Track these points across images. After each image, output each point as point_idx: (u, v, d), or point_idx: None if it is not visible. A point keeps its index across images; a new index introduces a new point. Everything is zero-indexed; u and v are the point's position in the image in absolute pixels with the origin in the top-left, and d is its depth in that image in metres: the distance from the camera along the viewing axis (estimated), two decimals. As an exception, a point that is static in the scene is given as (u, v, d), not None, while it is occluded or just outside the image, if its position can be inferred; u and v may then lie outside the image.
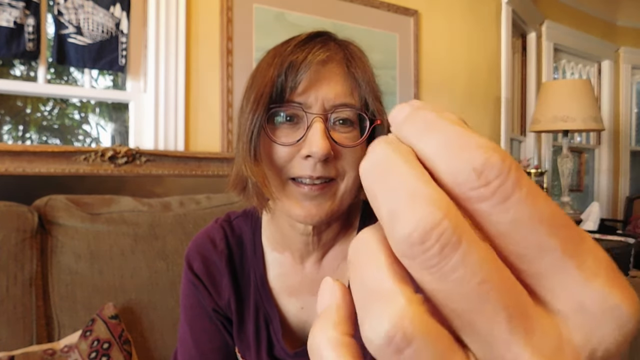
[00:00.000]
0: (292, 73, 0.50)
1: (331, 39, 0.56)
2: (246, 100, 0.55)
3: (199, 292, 0.66)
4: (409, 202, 0.12)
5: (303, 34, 0.56)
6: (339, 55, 0.53)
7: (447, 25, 2.52)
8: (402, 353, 0.12)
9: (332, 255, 0.65)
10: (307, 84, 0.50)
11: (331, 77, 0.52)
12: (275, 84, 0.50)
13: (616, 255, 1.82)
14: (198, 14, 1.71)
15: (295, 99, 0.51)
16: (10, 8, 1.34)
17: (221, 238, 0.67)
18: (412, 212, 0.12)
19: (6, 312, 0.93)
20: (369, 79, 0.54)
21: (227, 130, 1.73)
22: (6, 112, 1.69)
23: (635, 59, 4.12)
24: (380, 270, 0.13)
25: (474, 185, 0.12)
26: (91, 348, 0.90)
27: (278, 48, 0.55)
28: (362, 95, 0.53)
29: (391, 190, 0.13)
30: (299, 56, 0.50)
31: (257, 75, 0.55)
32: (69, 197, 1.14)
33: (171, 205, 1.24)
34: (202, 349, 0.66)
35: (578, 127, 2.54)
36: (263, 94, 0.51)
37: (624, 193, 4.09)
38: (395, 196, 0.13)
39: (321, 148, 0.49)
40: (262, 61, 0.57)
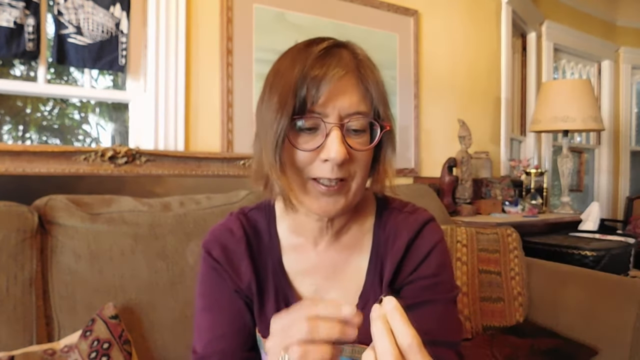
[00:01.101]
0: (313, 87, 0.56)
1: (345, 48, 0.61)
2: (267, 103, 0.60)
3: (220, 275, 0.69)
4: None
5: (320, 42, 0.60)
6: (353, 67, 0.58)
7: (447, 25, 2.52)
8: None
9: (345, 240, 0.71)
10: (326, 98, 0.56)
11: (346, 88, 0.57)
12: (297, 96, 0.56)
13: (616, 255, 1.82)
14: (198, 14, 1.71)
15: (316, 110, 0.57)
16: (10, 8, 1.34)
17: (238, 227, 0.71)
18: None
19: (6, 312, 0.93)
20: (379, 87, 0.60)
21: (227, 130, 1.73)
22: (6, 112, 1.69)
23: (635, 59, 4.12)
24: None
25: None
26: (91, 348, 0.90)
27: (297, 55, 0.60)
28: (373, 102, 0.59)
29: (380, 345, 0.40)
30: (319, 72, 0.56)
31: (277, 80, 0.60)
32: (69, 197, 1.14)
33: (171, 205, 1.24)
34: (222, 331, 0.68)
35: (578, 127, 2.54)
36: (286, 104, 0.56)
37: (624, 193, 4.09)
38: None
39: (339, 154, 0.56)
40: (281, 65, 0.61)
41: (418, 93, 2.35)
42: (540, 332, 1.39)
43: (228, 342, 0.68)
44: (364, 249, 0.71)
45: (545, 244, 1.91)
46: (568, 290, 1.43)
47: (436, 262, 0.69)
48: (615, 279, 1.41)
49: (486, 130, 2.76)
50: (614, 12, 4.08)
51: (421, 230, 0.70)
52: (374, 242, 0.71)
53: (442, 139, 2.48)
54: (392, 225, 0.71)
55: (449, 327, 0.68)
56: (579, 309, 1.37)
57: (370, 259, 0.70)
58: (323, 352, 0.43)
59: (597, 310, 1.33)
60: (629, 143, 4.16)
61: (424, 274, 0.68)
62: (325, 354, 0.43)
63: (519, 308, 1.47)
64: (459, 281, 1.48)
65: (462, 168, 2.26)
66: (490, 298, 1.47)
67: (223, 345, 0.67)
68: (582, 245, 1.85)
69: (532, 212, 2.38)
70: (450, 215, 2.09)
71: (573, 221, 2.42)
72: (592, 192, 4.07)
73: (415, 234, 0.69)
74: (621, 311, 1.28)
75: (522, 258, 1.56)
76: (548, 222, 2.26)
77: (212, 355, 0.67)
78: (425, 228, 0.70)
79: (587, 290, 1.39)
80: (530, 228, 2.14)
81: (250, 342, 0.70)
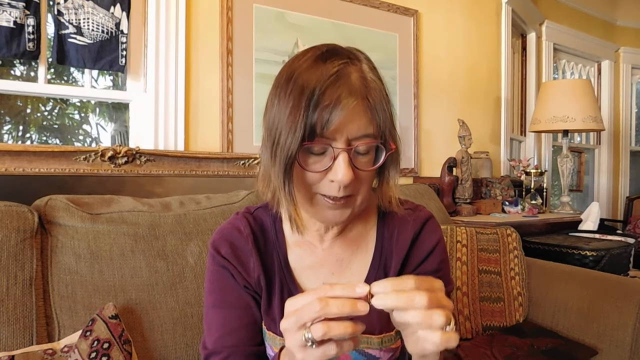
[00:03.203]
0: (324, 116, 0.56)
1: (354, 66, 0.60)
2: (277, 116, 0.59)
3: (229, 273, 0.71)
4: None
5: (331, 59, 0.59)
6: (362, 93, 0.58)
7: (447, 25, 2.52)
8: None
9: (349, 236, 0.73)
10: (336, 127, 0.56)
11: (355, 115, 0.57)
12: (307, 122, 0.56)
13: (616, 255, 1.82)
14: (198, 14, 1.71)
15: (325, 135, 0.57)
16: (10, 8, 1.34)
17: (245, 225, 0.73)
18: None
19: (6, 312, 0.93)
20: (386, 110, 0.60)
21: (227, 130, 1.73)
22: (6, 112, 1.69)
23: (635, 59, 4.12)
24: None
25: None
26: (91, 348, 0.90)
27: (308, 74, 0.58)
28: (380, 124, 0.59)
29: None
30: (330, 102, 0.56)
31: (287, 99, 0.58)
32: (69, 197, 1.14)
33: (171, 205, 1.24)
34: (232, 327, 0.69)
35: (578, 127, 2.54)
36: (297, 129, 0.56)
37: (624, 193, 4.09)
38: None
39: (346, 177, 0.58)
40: (291, 77, 0.59)
41: (418, 93, 2.35)
42: (540, 332, 1.39)
43: (237, 338, 0.69)
44: (369, 245, 0.74)
45: (545, 244, 1.91)
46: (568, 290, 1.43)
47: (439, 258, 0.73)
48: (615, 279, 1.41)
49: (486, 130, 2.76)
50: (613, 12, 4.08)
51: (424, 226, 0.74)
52: (378, 238, 0.74)
53: (442, 139, 2.48)
54: (395, 222, 0.73)
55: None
56: (579, 309, 1.37)
57: (375, 254, 0.73)
58: (345, 327, 0.45)
59: (597, 310, 1.33)
60: (629, 143, 4.16)
61: (427, 269, 0.72)
62: (347, 327, 0.45)
63: (519, 308, 1.47)
64: (459, 281, 1.48)
65: (462, 168, 2.26)
66: (490, 298, 1.47)
67: (233, 341, 0.69)
68: (582, 245, 1.85)
69: (532, 212, 2.38)
70: (450, 215, 2.09)
71: (573, 221, 2.42)
72: (592, 192, 4.07)
73: (419, 230, 0.73)
74: (621, 311, 1.28)
75: (522, 258, 1.56)
76: (548, 222, 2.26)
77: (222, 350, 0.68)
78: (427, 225, 0.74)
79: (587, 290, 1.39)
80: (530, 228, 2.14)
81: (259, 337, 0.71)
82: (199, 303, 1.11)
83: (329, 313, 0.44)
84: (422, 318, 0.45)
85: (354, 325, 0.46)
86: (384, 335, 0.70)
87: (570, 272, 1.50)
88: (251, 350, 0.69)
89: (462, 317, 1.43)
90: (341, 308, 0.44)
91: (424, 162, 2.40)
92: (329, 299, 0.45)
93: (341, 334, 0.45)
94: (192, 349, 1.08)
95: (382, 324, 0.70)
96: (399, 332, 0.72)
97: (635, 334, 1.23)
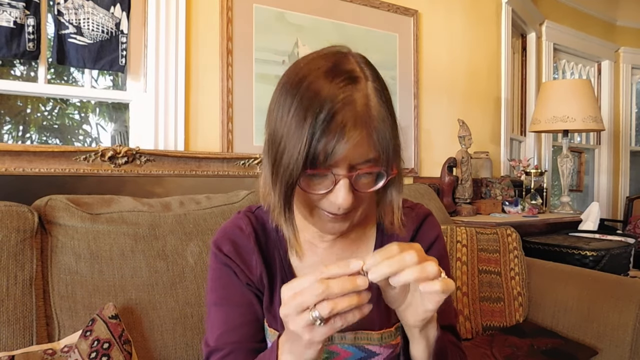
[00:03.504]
0: (328, 149, 0.54)
1: (358, 84, 0.57)
2: (280, 131, 0.57)
3: (231, 270, 0.71)
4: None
5: (334, 77, 0.56)
6: (367, 120, 0.56)
7: (447, 25, 2.52)
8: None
9: (350, 235, 0.73)
10: (339, 157, 0.55)
11: (358, 143, 0.56)
12: (310, 151, 0.55)
13: (616, 255, 1.82)
14: (198, 14, 1.71)
15: (327, 164, 0.56)
16: (10, 8, 1.34)
17: (247, 224, 0.73)
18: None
19: (6, 312, 0.93)
20: (390, 135, 0.58)
21: (227, 130, 1.73)
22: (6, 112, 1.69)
23: (635, 59, 4.12)
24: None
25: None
26: (91, 348, 0.90)
27: (313, 85, 0.56)
28: (382, 151, 0.58)
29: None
30: (334, 133, 0.54)
31: (289, 119, 0.56)
32: (69, 197, 1.14)
33: (171, 205, 1.24)
34: (234, 324, 0.70)
35: (578, 127, 2.54)
36: (299, 155, 0.55)
37: (624, 193, 4.09)
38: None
39: (346, 202, 0.58)
40: (298, 88, 0.57)
41: (418, 93, 2.35)
42: (540, 332, 1.39)
43: (240, 335, 0.69)
44: (369, 244, 0.74)
45: (545, 244, 1.91)
46: (568, 290, 1.43)
47: (438, 253, 0.74)
48: (615, 279, 1.41)
49: (486, 130, 2.76)
50: (613, 12, 4.08)
51: (422, 223, 0.75)
52: (378, 237, 0.74)
53: (442, 139, 2.48)
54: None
55: (449, 312, 0.74)
56: (579, 309, 1.37)
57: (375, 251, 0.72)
58: (350, 299, 0.46)
59: (597, 310, 1.33)
60: (629, 143, 4.16)
61: None
62: (352, 300, 0.47)
63: (519, 308, 1.47)
64: (459, 281, 1.48)
65: (462, 168, 2.26)
66: (490, 298, 1.47)
67: (235, 338, 0.69)
68: (582, 245, 1.85)
69: (532, 212, 2.38)
70: (450, 215, 2.09)
71: (573, 221, 2.42)
72: (592, 192, 4.07)
73: (418, 226, 0.74)
74: (621, 311, 1.28)
75: (522, 258, 1.56)
76: (548, 222, 2.26)
77: (224, 347, 0.68)
78: (426, 222, 0.76)
79: (587, 290, 1.39)
80: (530, 228, 2.14)
81: (261, 334, 0.71)
82: (199, 303, 1.11)
83: (332, 294, 0.46)
84: (418, 272, 0.47)
85: (359, 296, 0.47)
86: (384, 331, 0.71)
87: (570, 272, 1.50)
88: (253, 346, 0.69)
89: (462, 317, 1.43)
90: (342, 287, 0.46)
91: (424, 162, 2.40)
92: (329, 280, 0.46)
93: (348, 307, 0.46)
94: (192, 349, 1.08)
95: (382, 320, 0.71)
96: (398, 329, 0.73)
97: (635, 334, 1.23)
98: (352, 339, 0.70)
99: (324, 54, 0.61)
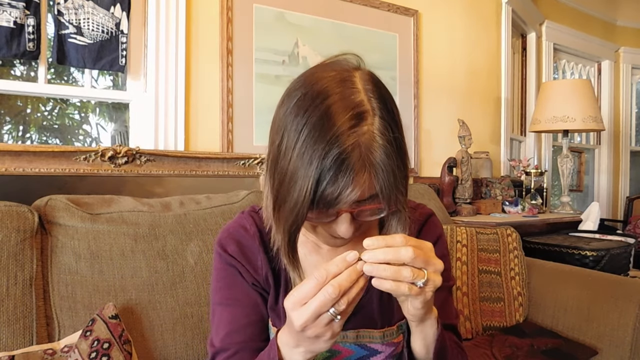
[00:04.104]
0: (334, 194, 0.53)
1: (366, 120, 0.54)
2: (288, 153, 0.55)
3: (236, 271, 0.71)
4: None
5: (342, 112, 0.53)
6: (372, 162, 0.54)
7: (447, 25, 2.52)
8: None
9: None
10: (343, 202, 0.55)
11: (364, 186, 0.54)
12: (314, 197, 0.54)
13: (616, 255, 1.82)
14: (198, 14, 1.71)
15: (332, 207, 0.56)
16: (10, 8, 1.34)
17: (251, 224, 0.73)
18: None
19: (6, 312, 0.93)
20: (396, 174, 0.56)
21: (227, 130, 1.73)
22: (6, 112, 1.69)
23: (635, 59, 4.12)
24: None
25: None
26: (91, 348, 0.90)
27: (316, 131, 0.53)
28: (386, 191, 0.56)
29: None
30: (341, 181, 0.53)
31: (291, 150, 0.54)
32: (69, 197, 1.14)
33: (171, 205, 1.24)
34: (239, 324, 0.70)
35: (578, 127, 2.54)
36: (303, 203, 0.54)
37: (624, 193, 4.09)
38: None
39: (348, 233, 0.59)
40: (300, 129, 0.54)
41: (418, 93, 2.35)
42: (540, 332, 1.39)
43: (244, 335, 0.69)
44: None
45: (545, 244, 1.91)
46: (568, 290, 1.43)
47: (441, 252, 0.74)
48: (615, 279, 1.41)
49: (486, 130, 2.76)
50: (614, 12, 4.08)
51: (425, 223, 0.76)
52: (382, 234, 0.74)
53: (442, 139, 2.48)
54: None
55: (450, 312, 0.76)
56: (579, 309, 1.37)
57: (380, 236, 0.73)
58: (358, 286, 0.50)
59: (597, 310, 1.33)
60: (629, 143, 4.16)
61: None
62: (359, 285, 0.50)
63: (519, 308, 1.47)
64: (459, 281, 1.48)
65: (462, 168, 2.26)
66: (490, 298, 1.47)
67: (240, 338, 0.69)
68: (582, 245, 1.85)
69: (532, 212, 2.38)
70: (450, 215, 2.09)
71: (573, 221, 2.42)
72: (592, 192, 4.07)
73: (420, 227, 0.75)
74: (621, 311, 1.28)
75: (522, 258, 1.56)
76: (548, 222, 2.26)
77: (230, 347, 0.68)
78: (429, 222, 0.77)
79: (587, 290, 1.39)
80: (530, 228, 2.14)
81: (265, 333, 0.72)
82: (199, 303, 1.11)
83: (343, 290, 0.48)
84: (391, 273, 0.50)
85: (363, 279, 0.50)
86: (386, 329, 0.71)
87: (570, 272, 1.50)
88: (258, 346, 0.69)
89: (462, 317, 1.43)
90: (350, 279, 0.49)
91: (424, 162, 2.40)
92: (337, 280, 0.49)
93: (359, 293, 0.50)
94: (192, 349, 1.08)
95: (384, 319, 0.71)
96: (400, 327, 0.73)
97: (635, 334, 1.23)
98: (354, 338, 0.71)
99: (332, 75, 0.57)
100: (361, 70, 0.59)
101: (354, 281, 0.49)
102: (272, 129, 0.60)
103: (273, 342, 0.58)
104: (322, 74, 0.57)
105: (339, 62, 0.61)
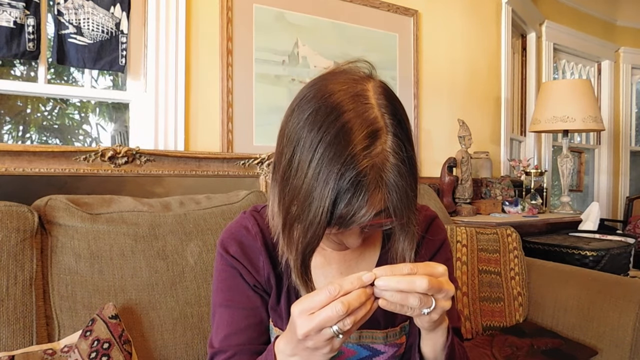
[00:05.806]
0: (348, 215, 0.53)
1: (380, 139, 0.54)
2: (301, 170, 0.54)
3: (238, 272, 0.71)
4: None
5: (355, 134, 0.52)
6: (384, 182, 0.54)
7: (447, 25, 2.52)
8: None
9: None
10: (357, 222, 0.54)
11: (377, 204, 0.54)
12: (330, 218, 0.53)
13: (616, 255, 1.82)
14: (198, 14, 1.71)
15: (345, 226, 0.55)
16: (10, 8, 1.34)
17: (253, 224, 0.73)
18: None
19: (6, 312, 0.93)
20: (408, 192, 0.55)
21: (227, 130, 1.73)
22: (6, 112, 1.69)
23: (635, 59, 4.12)
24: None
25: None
26: (91, 348, 0.90)
27: (331, 148, 0.52)
28: (396, 209, 0.55)
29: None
30: (353, 206, 0.52)
31: (305, 164, 0.54)
32: (69, 197, 1.14)
33: (171, 205, 1.24)
34: (239, 326, 0.70)
35: (578, 127, 2.54)
36: (320, 224, 0.53)
37: (624, 193, 4.09)
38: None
39: (356, 244, 0.61)
40: (316, 144, 0.53)
41: (418, 93, 2.35)
42: (540, 332, 1.39)
43: (244, 337, 0.69)
44: (376, 244, 0.75)
45: (545, 244, 1.91)
46: (568, 290, 1.43)
47: (445, 256, 0.75)
48: (615, 279, 1.41)
49: (486, 130, 2.76)
50: (613, 12, 4.08)
51: (429, 226, 0.76)
52: (384, 238, 0.74)
53: (442, 139, 2.48)
54: None
55: (453, 315, 0.74)
56: (579, 309, 1.37)
57: (381, 255, 0.74)
58: (365, 308, 0.49)
59: (597, 310, 1.33)
60: (629, 143, 4.16)
61: None
62: (366, 307, 0.50)
63: (519, 308, 1.47)
64: (459, 281, 1.48)
65: (462, 168, 2.26)
66: (490, 298, 1.47)
67: (239, 340, 0.69)
68: (582, 245, 1.85)
69: (532, 212, 2.38)
70: (450, 215, 2.09)
71: (573, 221, 2.42)
72: (592, 192, 4.07)
73: (425, 230, 0.75)
74: (621, 311, 1.28)
75: (522, 258, 1.56)
76: (548, 222, 2.26)
77: (229, 349, 0.69)
78: (433, 225, 0.76)
79: (587, 290, 1.39)
80: (530, 228, 2.14)
81: (265, 336, 0.72)
82: (199, 303, 1.11)
83: (351, 309, 0.48)
84: (400, 298, 0.50)
85: (371, 302, 0.50)
86: (389, 330, 0.71)
87: (570, 272, 1.50)
88: (257, 348, 0.69)
89: (462, 317, 1.43)
90: (359, 300, 0.49)
91: (424, 162, 2.40)
92: (347, 298, 0.48)
93: (366, 315, 0.50)
94: (192, 349, 1.08)
95: (387, 320, 0.71)
96: (403, 328, 0.73)
97: (635, 334, 1.23)
98: (356, 338, 0.71)
99: (344, 89, 0.56)
100: (374, 80, 0.59)
101: (363, 303, 0.49)
102: (283, 139, 0.58)
103: (270, 349, 0.58)
104: (335, 86, 0.56)
105: (351, 70, 0.60)
